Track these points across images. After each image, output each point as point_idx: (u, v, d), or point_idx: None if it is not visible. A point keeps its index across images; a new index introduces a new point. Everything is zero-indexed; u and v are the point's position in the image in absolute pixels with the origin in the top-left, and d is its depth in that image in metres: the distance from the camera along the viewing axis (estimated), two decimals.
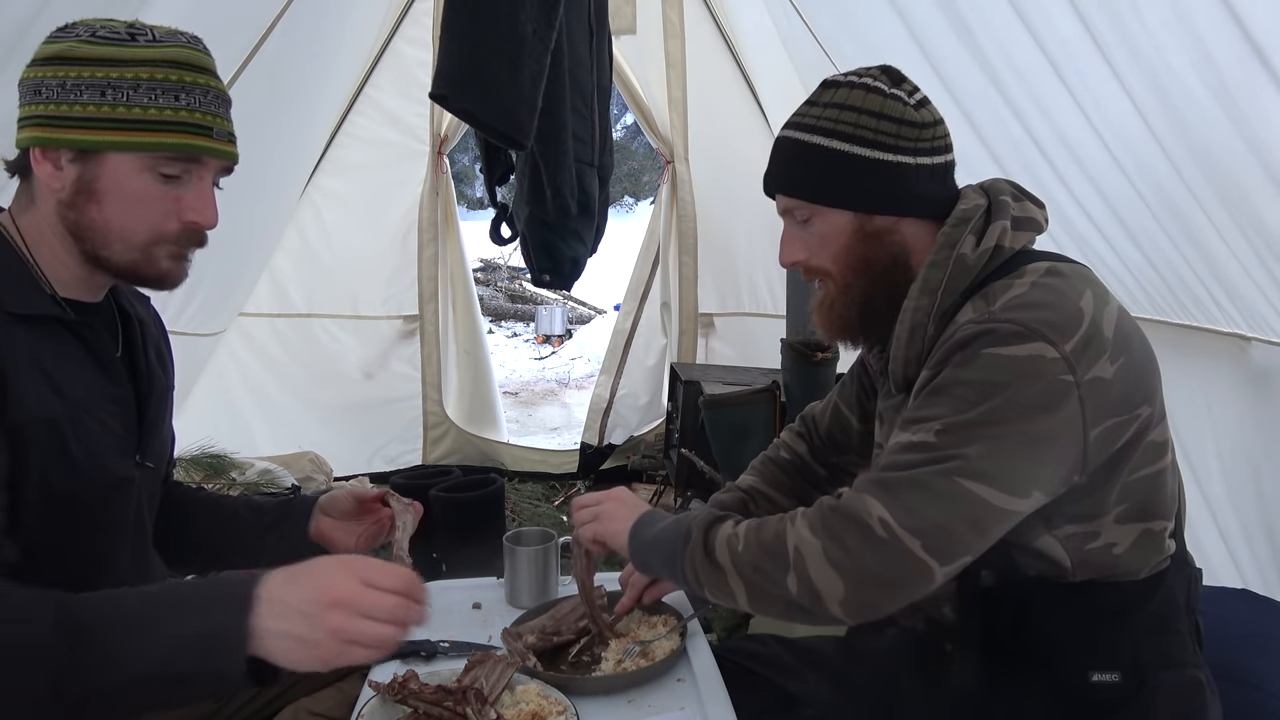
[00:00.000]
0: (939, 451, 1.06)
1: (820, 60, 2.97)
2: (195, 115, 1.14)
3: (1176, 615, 1.20)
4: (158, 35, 1.15)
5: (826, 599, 1.08)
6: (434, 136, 4.19)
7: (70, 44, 1.12)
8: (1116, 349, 1.09)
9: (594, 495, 1.41)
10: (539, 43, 2.34)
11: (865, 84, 1.20)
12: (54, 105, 1.11)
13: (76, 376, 1.16)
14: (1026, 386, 1.05)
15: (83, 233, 1.15)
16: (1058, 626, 1.17)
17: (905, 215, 1.21)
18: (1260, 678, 1.39)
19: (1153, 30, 1.56)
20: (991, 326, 1.08)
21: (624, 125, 14.40)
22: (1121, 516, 1.14)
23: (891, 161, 1.18)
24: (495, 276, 11.19)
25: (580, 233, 2.90)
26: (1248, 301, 1.92)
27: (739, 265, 4.43)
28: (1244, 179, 1.65)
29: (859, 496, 1.09)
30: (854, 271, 1.22)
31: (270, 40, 2.69)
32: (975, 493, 1.04)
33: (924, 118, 1.19)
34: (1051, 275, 1.13)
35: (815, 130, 1.20)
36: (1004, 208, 1.19)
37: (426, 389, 4.37)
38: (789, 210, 1.25)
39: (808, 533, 1.11)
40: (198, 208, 1.18)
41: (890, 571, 1.06)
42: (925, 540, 1.04)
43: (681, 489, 3.60)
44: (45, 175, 1.13)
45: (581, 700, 1.23)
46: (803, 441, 1.61)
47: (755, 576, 1.14)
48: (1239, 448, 2.09)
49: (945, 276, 1.16)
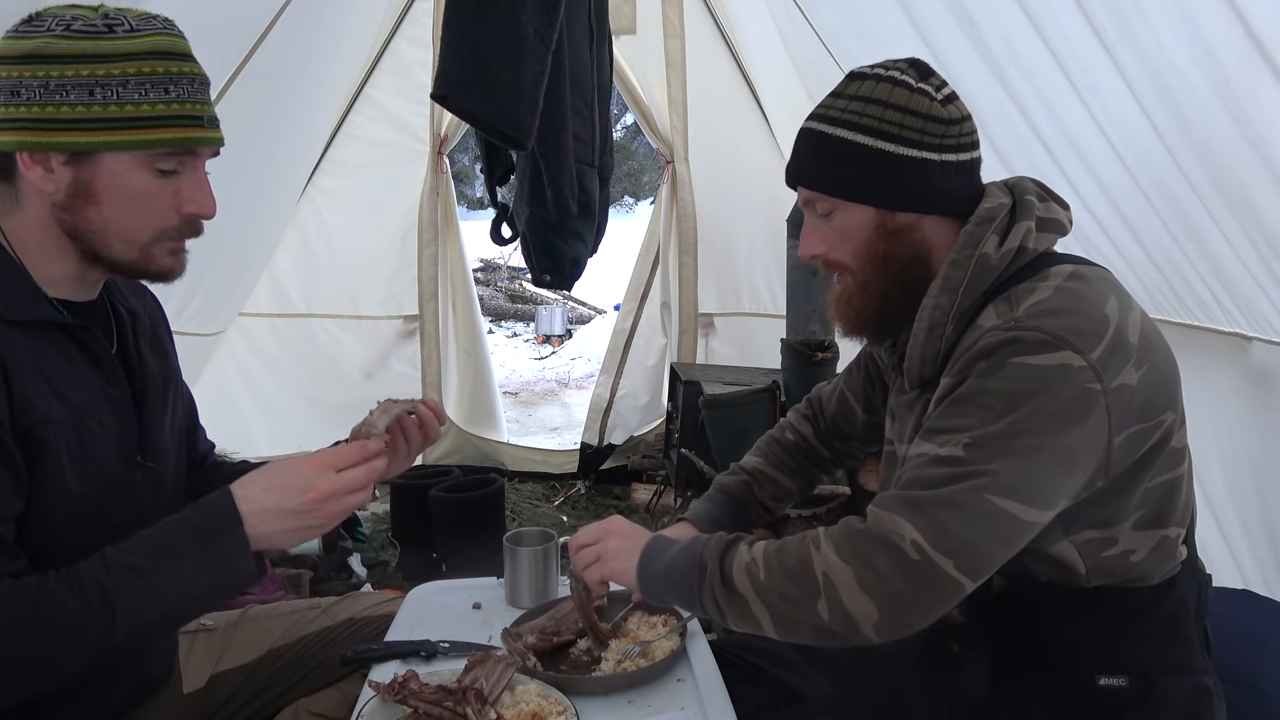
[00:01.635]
0: (968, 467, 1.05)
1: (822, 60, 2.97)
2: (186, 106, 1.12)
3: (1186, 621, 1.20)
4: (134, 23, 1.11)
5: (860, 624, 1.06)
6: (434, 136, 4.19)
7: (44, 40, 1.07)
8: (1141, 355, 1.08)
9: (590, 532, 1.35)
10: (540, 43, 2.34)
11: (892, 77, 1.17)
12: (38, 107, 1.07)
13: (75, 380, 1.15)
14: (1054, 396, 1.03)
15: (81, 234, 1.14)
16: (1067, 630, 1.17)
17: (928, 213, 1.19)
18: (1261, 678, 1.39)
19: (1156, 27, 1.56)
20: (1017, 334, 1.06)
21: (624, 125, 14.41)
22: (1139, 523, 1.14)
23: (916, 158, 1.15)
24: (495, 276, 11.19)
25: (580, 233, 2.90)
26: (1249, 301, 1.92)
27: (739, 265, 4.42)
28: (1246, 177, 1.65)
29: (889, 517, 1.07)
30: (874, 267, 1.20)
31: (269, 40, 2.68)
32: (1005, 509, 1.03)
33: (951, 113, 1.17)
34: (1075, 279, 1.11)
35: (839, 123, 1.17)
36: (1029, 208, 1.17)
37: (426, 389, 4.37)
38: (810, 203, 1.23)
39: (835, 558, 1.08)
40: (197, 199, 1.17)
41: (924, 592, 1.05)
42: (958, 560, 1.03)
43: (681, 489, 3.60)
44: (36, 179, 1.10)
45: (581, 700, 1.22)
46: (809, 424, 1.60)
47: (782, 604, 1.11)
48: (1239, 447, 2.09)
49: (967, 276, 1.14)
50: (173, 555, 1.08)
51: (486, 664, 1.23)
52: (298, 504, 1.11)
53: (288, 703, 1.45)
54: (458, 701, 1.14)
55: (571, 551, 1.35)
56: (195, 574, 1.08)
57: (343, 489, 1.13)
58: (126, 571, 1.05)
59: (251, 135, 2.83)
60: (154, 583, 1.06)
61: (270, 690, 1.46)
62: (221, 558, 1.10)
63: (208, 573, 1.09)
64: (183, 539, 1.09)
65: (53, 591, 1.03)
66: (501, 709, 1.18)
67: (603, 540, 1.31)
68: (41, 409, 1.08)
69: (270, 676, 1.46)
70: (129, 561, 1.06)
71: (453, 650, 1.38)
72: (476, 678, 1.20)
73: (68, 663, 1.04)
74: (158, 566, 1.07)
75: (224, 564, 1.10)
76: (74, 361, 1.16)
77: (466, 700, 1.14)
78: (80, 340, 1.18)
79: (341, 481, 1.13)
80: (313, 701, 1.45)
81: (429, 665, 1.35)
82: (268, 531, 1.12)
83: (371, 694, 1.21)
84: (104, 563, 1.05)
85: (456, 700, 1.14)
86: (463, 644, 1.40)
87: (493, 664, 1.23)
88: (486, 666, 1.23)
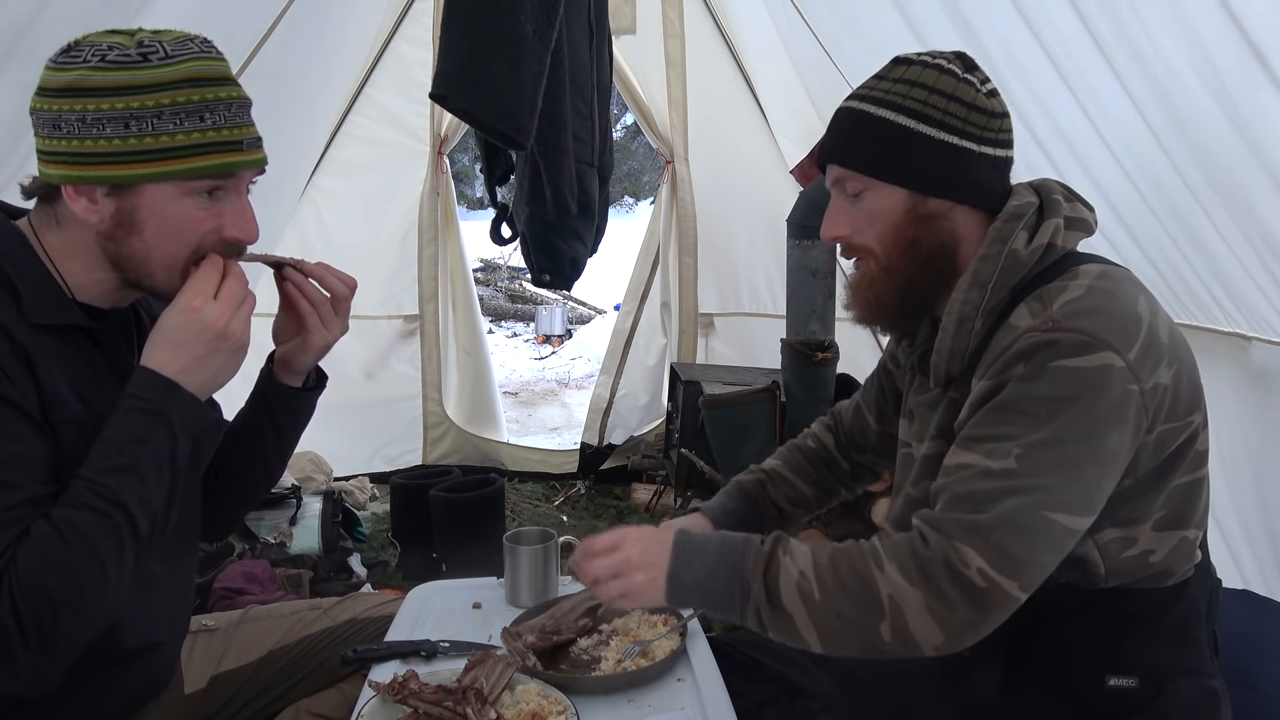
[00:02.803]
0: (1021, 480, 1.04)
1: (821, 59, 2.97)
2: (224, 133, 1.12)
3: (1197, 624, 1.20)
4: (169, 50, 1.10)
5: (922, 646, 1.06)
6: (434, 136, 4.19)
7: (81, 72, 1.07)
8: (1172, 355, 1.08)
9: (606, 539, 1.22)
10: (539, 43, 2.34)
11: (939, 65, 1.16)
12: (78, 141, 1.08)
13: (97, 384, 1.16)
14: (1097, 400, 1.03)
15: (124, 263, 1.15)
16: (1078, 631, 1.17)
17: (961, 202, 1.18)
18: (1261, 679, 1.39)
19: (1152, 30, 1.57)
20: (1055, 337, 1.05)
21: (624, 125, 14.39)
22: (1160, 523, 1.14)
23: (957, 145, 1.14)
24: (495, 276, 11.19)
25: (580, 233, 2.90)
26: (1248, 302, 1.92)
27: (739, 265, 4.43)
28: (1244, 179, 1.66)
29: (951, 545, 1.04)
30: (900, 252, 1.18)
31: (271, 41, 2.69)
32: (1061, 523, 1.04)
33: (995, 107, 1.17)
34: (1105, 279, 1.11)
35: (882, 103, 1.16)
36: (1056, 206, 1.17)
37: (426, 389, 4.37)
38: (840, 181, 1.21)
39: (903, 581, 1.06)
40: (239, 224, 1.17)
41: (989, 615, 1.05)
42: (1022, 579, 1.04)
43: (681, 489, 3.61)
44: (82, 210, 1.11)
45: (581, 700, 1.22)
46: (830, 434, 1.60)
47: (836, 622, 1.08)
48: (1239, 447, 2.09)
49: (997, 270, 1.13)
50: (141, 441, 1.09)
51: (486, 664, 1.23)
52: (207, 346, 1.13)
53: (288, 703, 1.46)
54: (458, 701, 1.14)
55: (582, 559, 1.23)
56: (171, 444, 1.11)
57: (230, 308, 1.15)
58: (113, 473, 1.07)
59: None
60: (143, 470, 1.08)
61: (271, 691, 1.46)
62: (184, 420, 1.12)
63: (181, 438, 1.12)
64: (139, 425, 1.10)
65: (64, 519, 1.04)
66: (501, 709, 1.18)
67: (620, 550, 1.19)
68: (64, 408, 1.10)
69: (271, 677, 1.46)
70: (110, 465, 1.07)
71: (453, 650, 1.38)
72: (476, 677, 1.20)
73: (116, 575, 1.06)
74: (137, 456, 1.08)
75: (189, 423, 1.13)
76: (96, 366, 1.18)
77: (466, 700, 1.14)
78: (102, 345, 1.20)
79: (225, 302, 1.14)
80: (313, 702, 1.45)
81: (429, 665, 1.35)
82: (203, 381, 1.14)
83: (371, 694, 1.21)
84: (88, 480, 1.06)
85: (456, 700, 1.14)
86: (463, 644, 1.40)
87: (493, 664, 1.23)
88: (486, 666, 1.23)
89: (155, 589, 1.25)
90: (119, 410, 1.10)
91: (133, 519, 1.07)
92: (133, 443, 1.09)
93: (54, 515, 1.04)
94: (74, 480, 1.07)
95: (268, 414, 1.39)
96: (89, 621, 1.06)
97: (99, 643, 1.13)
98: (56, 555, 1.02)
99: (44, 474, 1.07)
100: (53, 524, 1.03)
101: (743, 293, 4.49)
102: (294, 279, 1.30)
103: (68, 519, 1.03)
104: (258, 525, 3.29)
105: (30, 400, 1.07)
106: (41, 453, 1.07)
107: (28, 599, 1.00)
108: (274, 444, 1.41)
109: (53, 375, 1.10)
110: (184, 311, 1.13)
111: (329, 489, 3.69)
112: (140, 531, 1.08)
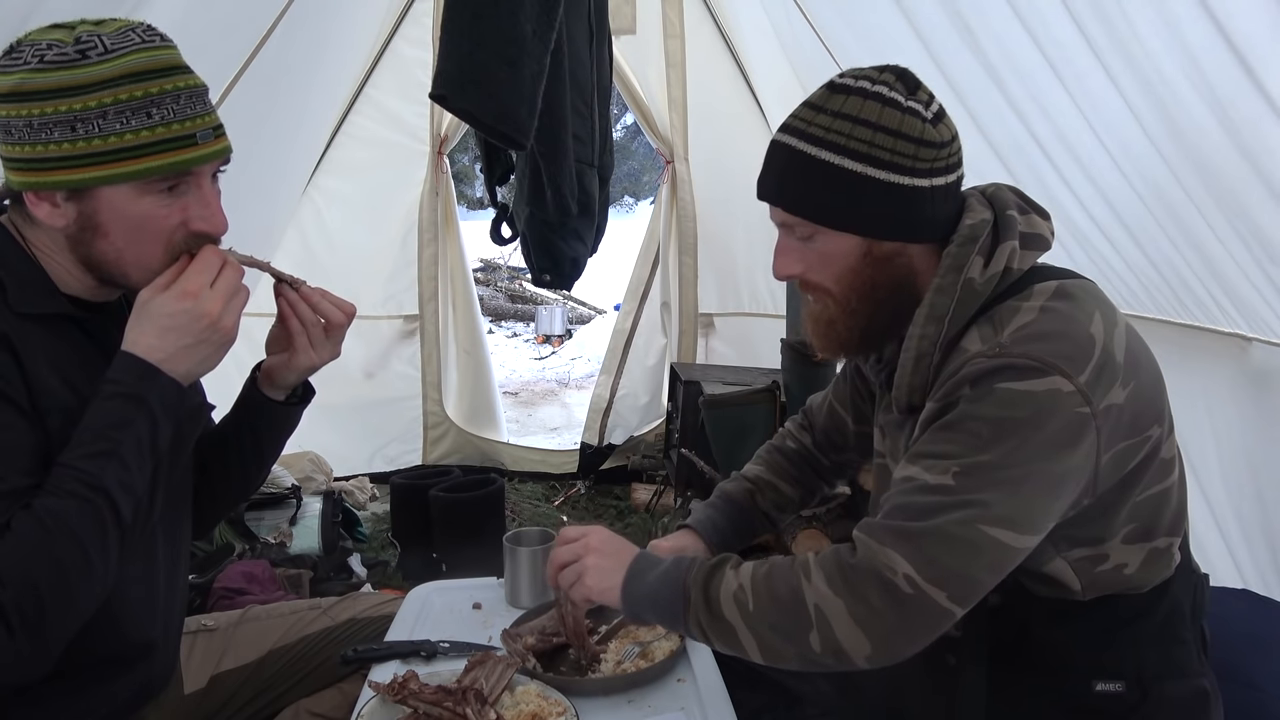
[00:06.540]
0: (958, 496, 1.03)
1: (821, 59, 2.97)
2: (173, 129, 1.07)
3: (1182, 624, 1.20)
4: (109, 44, 1.05)
5: (853, 656, 1.05)
6: (434, 136, 4.19)
7: (22, 75, 1.03)
8: (1128, 373, 1.06)
9: (571, 547, 1.25)
10: (539, 43, 2.34)
11: (879, 94, 1.09)
12: (29, 147, 1.05)
13: (86, 373, 1.15)
14: (1044, 423, 1.02)
15: (95, 265, 1.14)
16: (1062, 638, 1.17)
17: (916, 240, 1.14)
18: (1260, 678, 1.39)
19: (1143, 37, 1.56)
20: (1004, 362, 1.03)
21: (624, 125, 14.41)
22: (1129, 537, 1.13)
23: (908, 186, 1.09)
24: (495, 276, 11.18)
25: (580, 233, 2.90)
26: (1248, 303, 1.92)
27: (739, 265, 4.42)
28: (1238, 185, 1.65)
29: (880, 550, 1.04)
30: (858, 295, 1.16)
31: (271, 40, 2.68)
32: (996, 538, 1.02)
33: (941, 135, 1.11)
34: (1060, 298, 1.09)
35: (823, 144, 1.10)
36: (1011, 224, 1.13)
37: (426, 389, 4.37)
38: (788, 225, 1.17)
39: (828, 590, 1.06)
40: (204, 216, 1.15)
41: (916, 624, 1.04)
42: (950, 590, 1.02)
43: (681, 489, 3.60)
44: (45, 216, 1.09)
45: (581, 701, 1.23)
46: (807, 434, 1.60)
47: (771, 634, 1.09)
48: (1239, 448, 2.09)
49: (953, 304, 1.10)
50: (122, 426, 1.07)
51: (486, 664, 1.23)
52: (197, 335, 1.12)
53: (288, 703, 1.46)
54: (458, 702, 1.14)
55: (552, 570, 1.27)
56: (153, 429, 1.09)
57: (224, 299, 1.14)
58: (95, 459, 1.05)
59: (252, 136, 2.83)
60: (125, 455, 1.06)
61: (271, 691, 1.46)
62: (165, 405, 1.10)
63: (163, 423, 1.10)
64: (120, 410, 1.08)
65: (46, 507, 1.02)
66: (501, 709, 1.18)
67: (583, 559, 1.23)
68: (51, 397, 1.09)
69: (271, 677, 1.46)
70: (90, 451, 1.05)
71: (453, 650, 1.38)
72: (476, 678, 1.20)
73: (100, 561, 1.05)
74: (118, 441, 1.06)
75: (171, 408, 1.11)
76: (86, 355, 1.17)
77: (466, 700, 1.14)
78: (91, 334, 1.19)
79: (221, 292, 1.14)
80: (313, 702, 1.45)
81: (429, 665, 1.35)
82: (186, 369, 1.13)
83: (371, 694, 1.21)
84: (69, 467, 1.05)
85: (456, 700, 1.14)
86: (463, 644, 1.41)
87: (493, 664, 1.23)
88: (486, 667, 1.23)
89: (147, 585, 1.25)
90: (100, 396, 1.09)
91: (115, 504, 1.05)
92: (113, 428, 1.07)
93: (36, 504, 1.02)
94: (55, 467, 1.05)
95: (247, 422, 1.39)
96: (76, 608, 1.05)
97: (92, 640, 1.12)
98: (40, 544, 1.01)
99: (28, 464, 1.06)
100: (34, 513, 1.02)
101: (743, 293, 4.49)
102: (289, 296, 1.29)
103: (49, 507, 1.02)
104: (258, 525, 3.29)
105: (15, 387, 1.06)
106: (26, 441, 1.06)
107: (12, 589, 0.99)
108: (251, 452, 1.41)
109: (39, 363, 1.09)
110: (180, 298, 1.11)
111: (329, 489, 3.69)
112: (123, 517, 1.06)
